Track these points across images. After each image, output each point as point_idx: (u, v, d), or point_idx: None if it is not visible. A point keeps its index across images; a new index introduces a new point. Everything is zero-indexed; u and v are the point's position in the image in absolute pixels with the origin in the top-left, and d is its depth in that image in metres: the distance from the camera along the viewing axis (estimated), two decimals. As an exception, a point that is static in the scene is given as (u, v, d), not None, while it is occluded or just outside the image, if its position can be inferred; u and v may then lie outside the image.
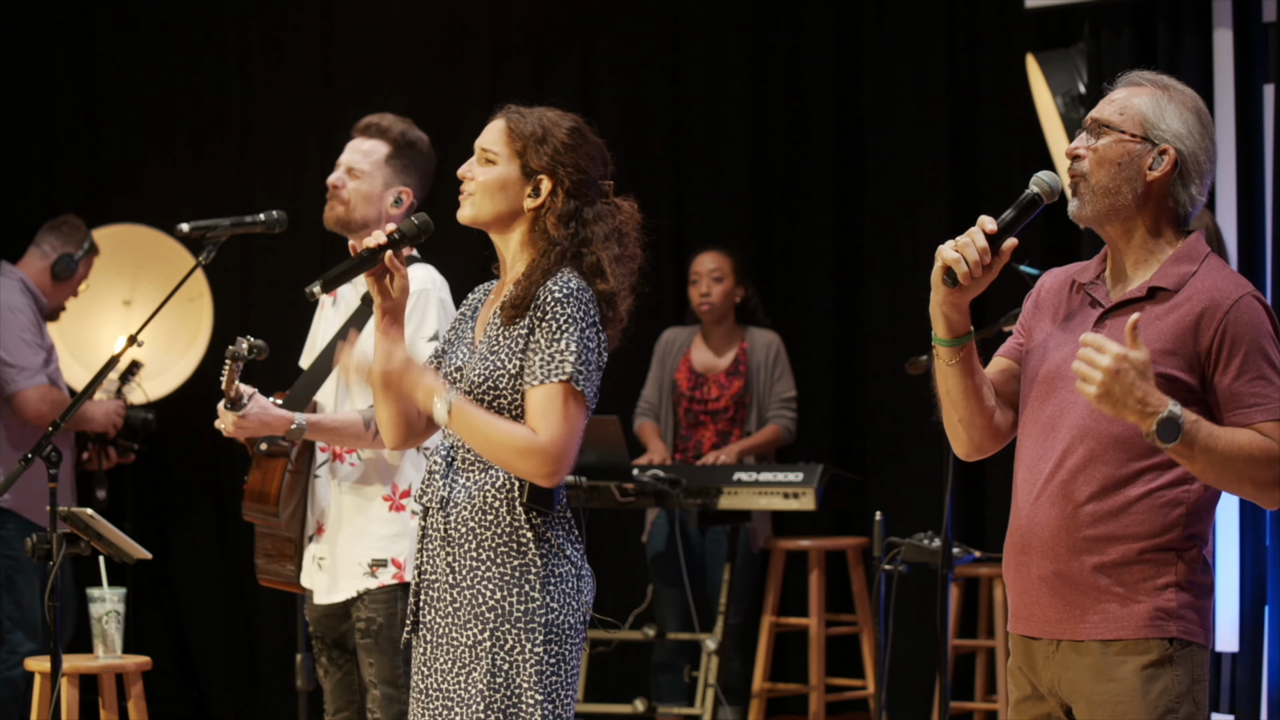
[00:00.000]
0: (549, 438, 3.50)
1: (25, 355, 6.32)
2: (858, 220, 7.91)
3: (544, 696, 3.52)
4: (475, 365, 3.61)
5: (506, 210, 3.69)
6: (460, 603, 3.56)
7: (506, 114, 3.72)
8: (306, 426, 4.50)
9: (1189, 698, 3.18)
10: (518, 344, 3.57)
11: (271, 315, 8.14)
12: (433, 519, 3.64)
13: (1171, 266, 3.24)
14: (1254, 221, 6.16)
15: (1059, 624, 3.23)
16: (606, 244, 3.67)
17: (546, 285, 3.57)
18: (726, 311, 7.29)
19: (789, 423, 7.23)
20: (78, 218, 6.78)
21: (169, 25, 8.32)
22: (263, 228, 4.77)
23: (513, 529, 3.56)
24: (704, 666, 6.83)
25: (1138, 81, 3.30)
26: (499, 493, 3.57)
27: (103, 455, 6.89)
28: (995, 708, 6.93)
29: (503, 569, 3.55)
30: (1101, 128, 3.26)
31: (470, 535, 3.57)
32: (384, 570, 4.61)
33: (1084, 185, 3.25)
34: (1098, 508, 3.19)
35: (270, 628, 7.95)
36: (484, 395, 3.56)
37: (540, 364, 3.53)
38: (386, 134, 4.76)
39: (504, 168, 3.69)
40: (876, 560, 5.20)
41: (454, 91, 8.19)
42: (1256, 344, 3.16)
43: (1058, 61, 6.41)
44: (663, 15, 8.16)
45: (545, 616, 3.54)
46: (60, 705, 4.63)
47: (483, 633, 3.53)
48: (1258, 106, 6.19)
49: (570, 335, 3.54)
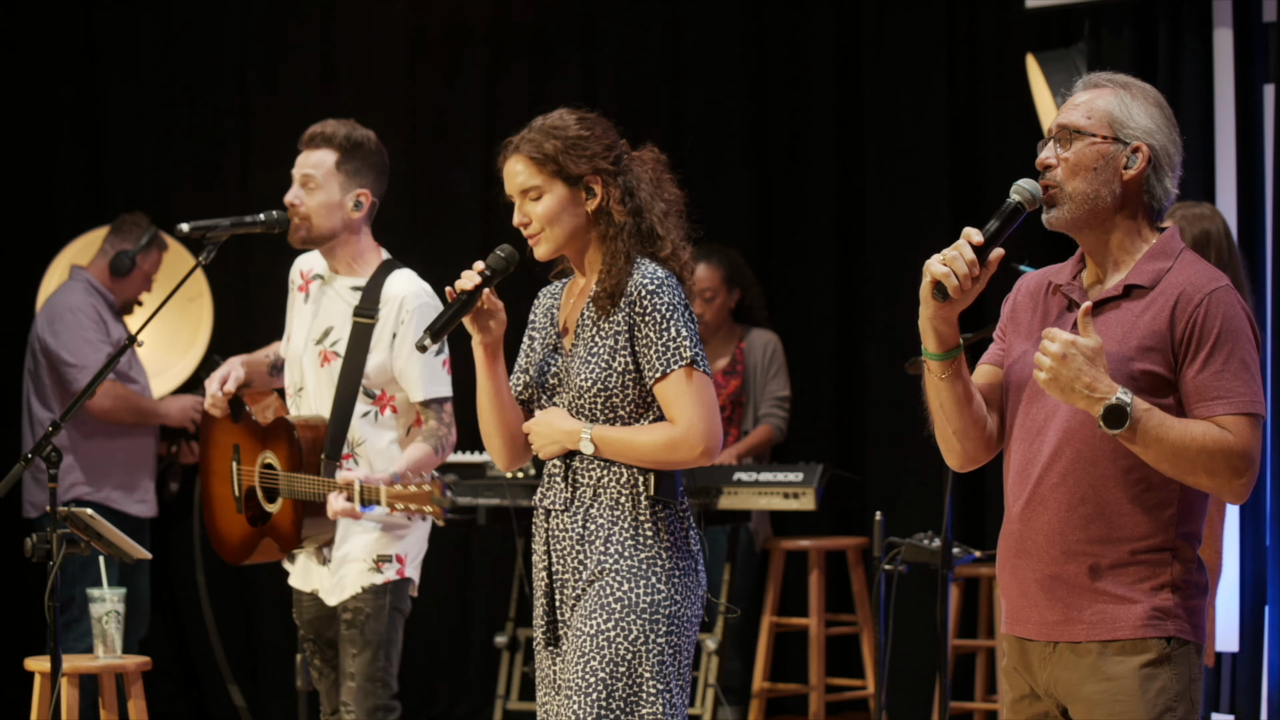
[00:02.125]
0: (688, 422, 3.67)
1: (86, 353, 6.65)
2: (858, 220, 7.91)
3: (664, 686, 3.65)
4: (578, 370, 3.72)
5: (577, 226, 3.77)
6: (588, 595, 3.67)
7: (517, 148, 3.77)
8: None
9: (1186, 696, 3.19)
10: (618, 340, 3.70)
11: (271, 315, 8.13)
12: (557, 520, 3.74)
13: (1147, 264, 3.24)
14: (1254, 221, 6.16)
15: (1056, 626, 3.23)
16: (653, 202, 3.82)
17: (634, 279, 3.70)
18: (722, 322, 7.31)
19: (780, 422, 7.24)
20: (140, 214, 7.03)
21: (169, 25, 8.31)
22: (263, 228, 4.77)
23: (638, 523, 3.70)
24: (704, 666, 6.83)
25: (1097, 83, 3.30)
26: (624, 488, 3.71)
27: (185, 450, 7.10)
28: (995, 708, 6.93)
29: (631, 561, 3.68)
30: (1071, 134, 3.25)
31: (599, 531, 3.69)
32: (389, 566, 4.63)
33: (1060, 194, 3.24)
34: (1089, 510, 3.19)
35: (270, 628, 7.95)
36: (596, 398, 3.70)
37: (658, 356, 3.68)
38: (332, 141, 4.75)
39: (553, 193, 3.75)
40: (876, 560, 5.20)
41: (454, 91, 8.18)
42: (1225, 337, 3.15)
43: (1058, 61, 6.41)
44: (663, 15, 8.16)
45: (669, 609, 3.69)
46: (60, 705, 4.63)
47: (607, 622, 3.64)
48: (1258, 106, 6.19)
49: (676, 321, 3.70)
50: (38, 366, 6.86)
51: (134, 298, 6.96)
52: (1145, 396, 3.12)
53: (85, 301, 6.79)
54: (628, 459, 3.68)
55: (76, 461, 6.74)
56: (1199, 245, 5.03)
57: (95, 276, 6.88)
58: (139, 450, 6.87)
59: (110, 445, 6.79)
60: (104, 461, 6.78)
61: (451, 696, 8.06)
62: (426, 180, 8.08)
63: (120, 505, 6.77)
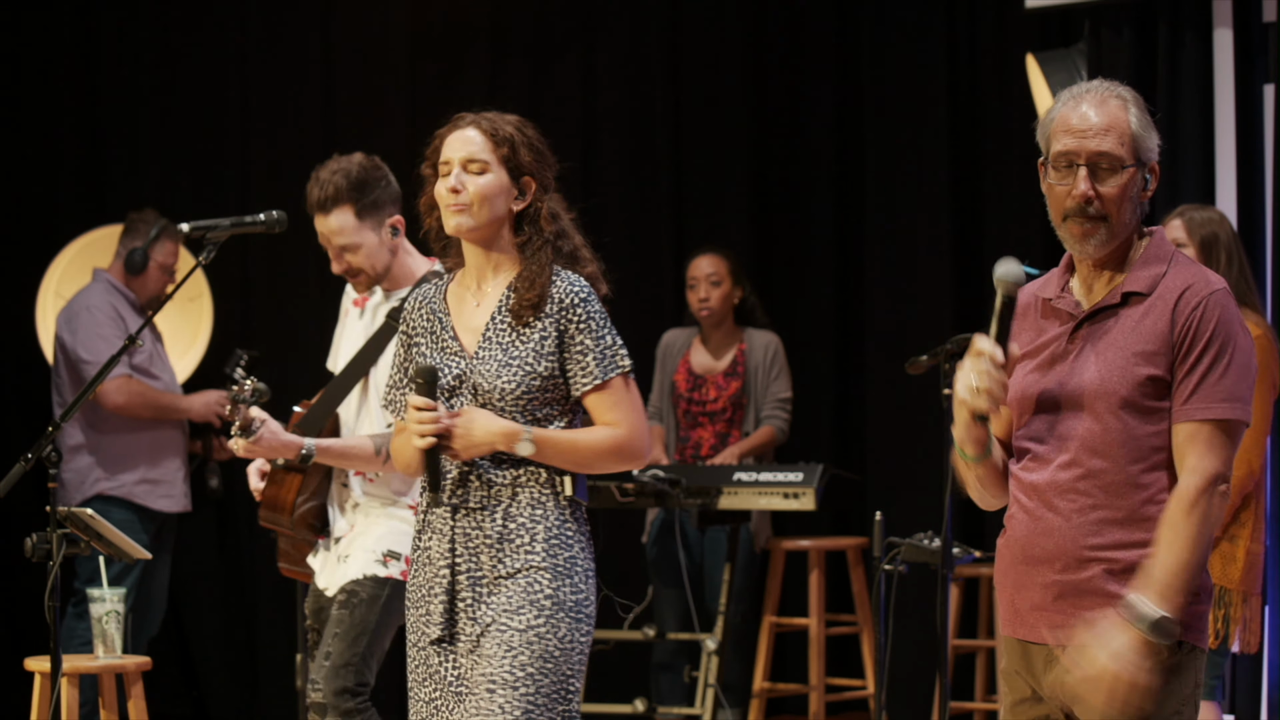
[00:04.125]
0: (630, 428, 3.74)
1: (101, 350, 6.69)
2: (858, 220, 7.90)
3: (579, 686, 3.70)
4: (495, 373, 3.70)
5: (499, 216, 3.77)
6: (514, 591, 3.67)
7: (476, 122, 3.78)
8: (316, 452, 4.55)
9: (1191, 701, 3.19)
10: (543, 345, 3.70)
11: (271, 315, 8.15)
12: (468, 519, 3.72)
13: (1142, 269, 3.22)
14: (1254, 221, 6.17)
15: (1066, 631, 3.21)
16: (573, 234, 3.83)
17: (559, 286, 3.71)
18: (725, 314, 7.29)
19: (783, 423, 7.24)
20: (150, 211, 7.08)
21: (169, 25, 8.32)
22: (263, 228, 4.76)
23: (561, 522, 3.71)
24: (704, 666, 6.83)
25: (1108, 97, 3.22)
26: (544, 488, 3.72)
27: (218, 445, 7.13)
28: (995, 708, 6.92)
29: (555, 560, 3.68)
30: (1113, 161, 3.18)
31: (522, 530, 3.69)
32: (395, 563, 4.65)
33: (1104, 228, 3.19)
34: (1099, 516, 3.18)
35: (270, 628, 7.95)
36: (517, 402, 3.69)
37: (595, 363, 3.71)
38: (340, 198, 4.72)
39: (496, 174, 3.75)
40: (876, 560, 5.19)
41: (454, 91, 8.18)
42: (1217, 340, 3.14)
43: (1058, 61, 6.41)
44: (663, 15, 8.16)
45: (588, 608, 3.72)
46: (60, 705, 4.63)
47: (538, 618, 3.65)
48: (1258, 106, 6.19)
49: (609, 329, 3.75)
50: (58, 365, 6.94)
51: (157, 292, 6.99)
52: (1149, 403, 3.13)
53: (103, 300, 6.86)
54: (565, 461, 3.70)
55: (96, 457, 6.79)
56: (1206, 247, 5.03)
57: (114, 276, 6.95)
58: (164, 445, 6.90)
59: (132, 440, 6.83)
60: (126, 456, 6.82)
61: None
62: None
63: (144, 500, 6.82)
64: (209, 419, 7.01)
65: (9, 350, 7.96)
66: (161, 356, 7.04)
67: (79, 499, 6.68)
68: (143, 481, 6.84)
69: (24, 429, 7.58)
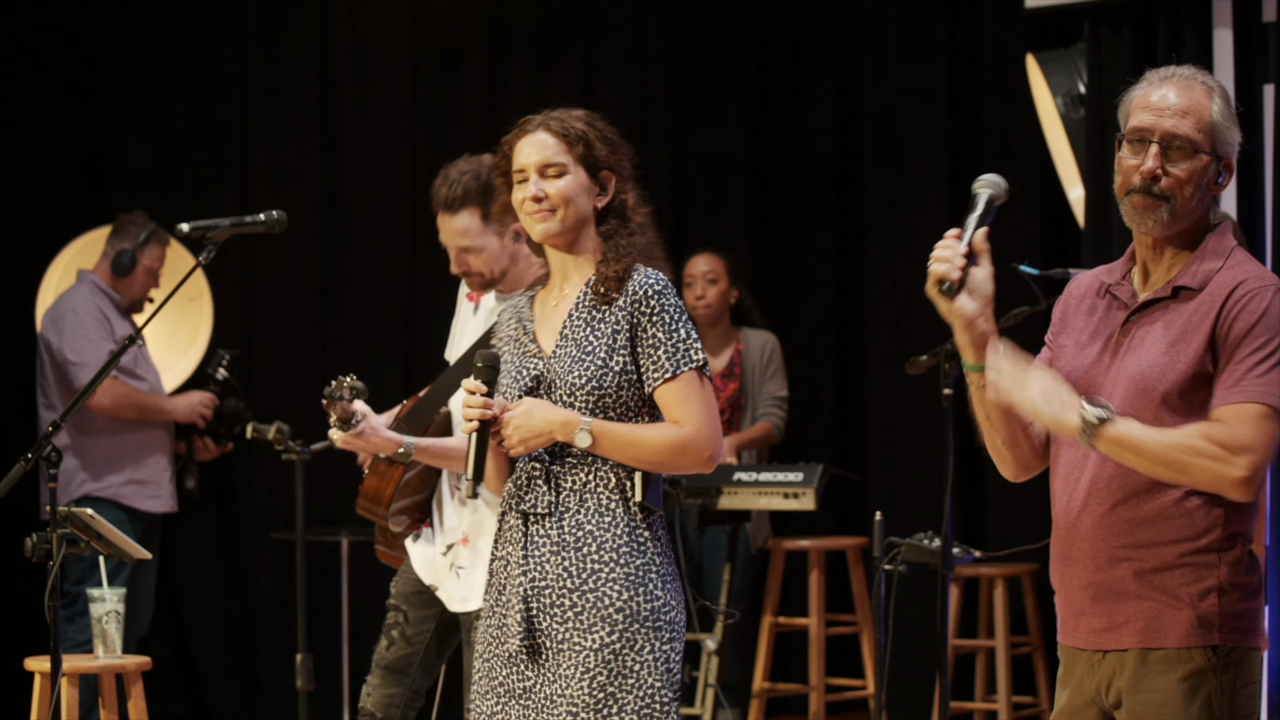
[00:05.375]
0: (697, 425, 3.57)
1: (87, 351, 6.73)
2: (858, 220, 7.91)
3: (673, 695, 3.55)
4: (569, 369, 3.59)
5: (585, 215, 3.68)
6: (583, 607, 3.54)
7: (545, 124, 3.68)
8: (414, 450, 4.49)
9: (1234, 705, 3.13)
10: (616, 340, 3.58)
11: (272, 315, 8.14)
12: (537, 525, 3.60)
13: (1197, 264, 3.18)
14: (1254, 221, 6.16)
15: (1102, 634, 3.19)
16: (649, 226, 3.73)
17: (635, 279, 3.60)
18: (722, 313, 7.30)
19: (779, 420, 7.25)
20: (139, 213, 7.08)
21: (169, 25, 8.31)
22: (263, 228, 4.75)
23: (631, 529, 3.57)
24: (704, 666, 6.83)
25: (1194, 83, 3.18)
26: (612, 493, 3.58)
27: (200, 446, 7.13)
28: (995, 708, 6.93)
29: (626, 569, 3.55)
30: (1186, 144, 3.15)
31: (589, 539, 3.56)
32: None
33: (1165, 208, 3.15)
34: (1133, 513, 3.15)
35: (270, 628, 7.95)
36: (589, 397, 3.57)
37: (667, 357, 3.58)
38: (468, 199, 4.66)
39: (575, 175, 3.66)
40: (876, 560, 5.19)
41: (454, 91, 8.18)
42: (1260, 331, 3.09)
43: (1058, 61, 6.41)
44: (663, 14, 8.16)
45: (668, 615, 3.57)
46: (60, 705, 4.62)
47: (610, 634, 3.52)
48: (1258, 106, 6.19)
49: (684, 324, 3.60)
50: (43, 366, 6.93)
51: (141, 296, 7.01)
52: (1187, 401, 3.09)
53: (89, 301, 6.86)
54: (625, 457, 3.55)
55: (81, 459, 6.78)
56: None
57: (100, 278, 6.95)
58: (150, 445, 6.90)
59: (117, 441, 6.83)
60: (112, 458, 6.82)
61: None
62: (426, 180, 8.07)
63: (130, 501, 6.82)
64: (193, 420, 7.01)
65: (8, 350, 7.96)
66: (146, 358, 7.05)
67: (64, 501, 6.65)
68: (130, 482, 6.84)
69: (24, 429, 7.58)
